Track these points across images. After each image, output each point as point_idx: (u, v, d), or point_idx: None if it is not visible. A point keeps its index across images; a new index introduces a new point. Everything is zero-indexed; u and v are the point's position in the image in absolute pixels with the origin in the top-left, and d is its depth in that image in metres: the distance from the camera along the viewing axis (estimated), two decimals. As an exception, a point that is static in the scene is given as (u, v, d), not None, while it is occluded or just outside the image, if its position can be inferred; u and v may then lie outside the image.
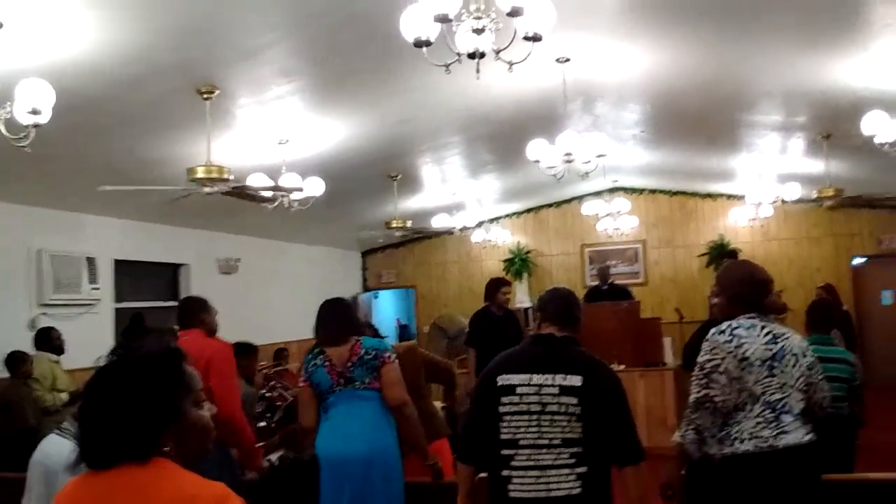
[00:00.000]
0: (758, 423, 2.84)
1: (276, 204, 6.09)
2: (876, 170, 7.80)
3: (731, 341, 2.90)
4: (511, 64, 3.04)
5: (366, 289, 13.11)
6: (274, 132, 6.09)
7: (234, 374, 4.03)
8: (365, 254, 13.15)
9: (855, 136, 5.68)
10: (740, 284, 3.04)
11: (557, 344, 2.74)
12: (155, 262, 8.45)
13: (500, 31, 2.99)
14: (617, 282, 11.61)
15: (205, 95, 4.81)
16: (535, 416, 2.62)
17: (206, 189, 4.87)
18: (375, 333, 4.06)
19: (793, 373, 2.88)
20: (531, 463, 2.60)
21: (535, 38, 3.01)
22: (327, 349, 3.59)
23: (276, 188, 5.77)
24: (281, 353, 9.39)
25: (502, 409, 2.66)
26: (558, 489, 2.57)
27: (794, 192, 8.77)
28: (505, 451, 2.64)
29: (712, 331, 3.00)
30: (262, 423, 5.65)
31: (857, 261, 11.38)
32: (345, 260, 12.62)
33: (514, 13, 2.86)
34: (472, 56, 3.02)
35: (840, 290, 10.23)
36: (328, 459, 3.46)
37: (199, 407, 1.58)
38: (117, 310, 7.73)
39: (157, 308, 8.17)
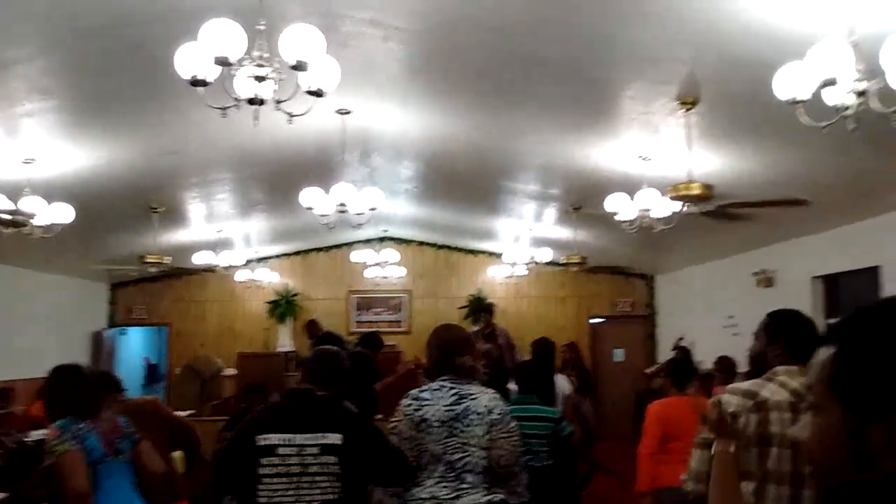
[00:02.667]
0: (438, 482, 2.93)
1: (14, 229, 5.44)
2: (614, 241, 8.71)
3: (411, 405, 3.02)
4: (291, 116, 2.99)
5: (112, 324, 12.07)
6: (19, 150, 5.46)
7: None
8: (115, 286, 12.14)
9: (599, 212, 6.30)
10: (435, 349, 3.18)
11: (316, 401, 2.70)
12: None
13: (283, 82, 2.94)
14: (381, 330, 11.78)
15: (-63, 103, 4.22)
16: (294, 479, 2.55)
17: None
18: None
19: (476, 431, 2.97)
20: None
21: (318, 94, 3.00)
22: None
23: (15, 212, 5.15)
24: (5, 393, 8.32)
25: (261, 472, 2.55)
26: None
27: (546, 255, 9.52)
28: None
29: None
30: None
31: (595, 320, 12.54)
32: (89, 292, 11.54)
33: (299, 67, 2.83)
34: (251, 102, 2.94)
35: (580, 347, 11.19)
36: None
37: None
38: None
39: None
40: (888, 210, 6.39)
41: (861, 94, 2.89)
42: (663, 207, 5.24)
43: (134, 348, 13.82)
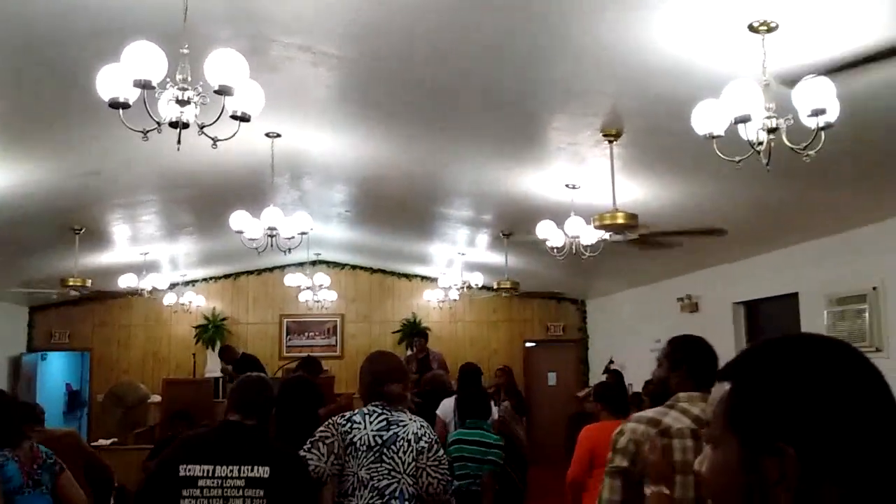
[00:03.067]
0: None
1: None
2: (545, 267, 8.82)
3: (344, 425, 3.03)
4: (215, 140, 2.94)
5: (32, 349, 11.58)
6: (-72, 168, 5.23)
7: None
8: (34, 310, 11.67)
9: (530, 238, 6.38)
10: (367, 375, 3.21)
11: (244, 433, 2.64)
12: None
13: (207, 106, 2.90)
14: (314, 354, 11.61)
15: None
16: None
17: None
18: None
19: (404, 458, 2.99)
20: None
21: (243, 119, 2.96)
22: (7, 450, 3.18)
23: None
24: None
25: None
26: None
27: (479, 279, 9.58)
28: None
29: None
30: None
31: (529, 344, 12.65)
32: (8, 315, 11.06)
33: (223, 91, 2.79)
34: (174, 125, 2.88)
35: (514, 371, 11.25)
36: None
37: None
38: None
39: None
40: (805, 239, 6.67)
41: (773, 130, 3.02)
42: (590, 235, 5.34)
43: (55, 374, 13.24)
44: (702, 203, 5.80)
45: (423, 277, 12.32)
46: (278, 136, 5.47)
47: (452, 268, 10.42)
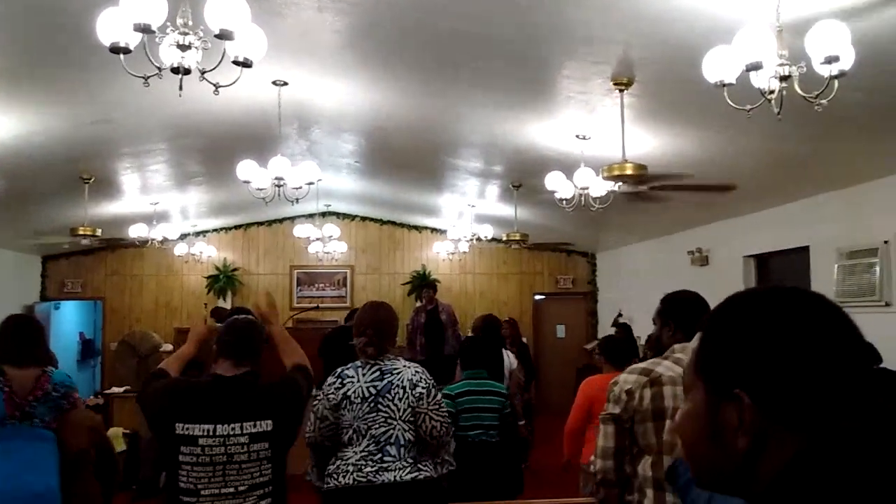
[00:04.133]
0: (362, 456, 2.97)
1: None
2: (555, 219, 8.79)
3: (333, 384, 3.07)
4: (217, 86, 2.91)
5: (45, 298, 11.71)
6: (-65, 115, 5.22)
7: None
8: (47, 259, 11.77)
9: (539, 189, 6.34)
10: (369, 329, 3.17)
11: (242, 385, 2.62)
12: None
13: (209, 51, 2.85)
14: (324, 305, 11.72)
15: None
16: (220, 467, 2.49)
17: None
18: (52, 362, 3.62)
19: (399, 405, 3.03)
20: None
21: (245, 64, 2.92)
22: (8, 371, 3.14)
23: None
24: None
25: (182, 459, 2.48)
26: None
27: (488, 232, 9.55)
28: (185, 498, 2.48)
29: None
30: None
31: (538, 297, 12.68)
32: (21, 264, 11.17)
33: (224, 36, 2.74)
34: (175, 71, 2.85)
35: (523, 323, 11.31)
36: None
37: None
38: None
39: None
40: (817, 192, 6.59)
41: (785, 78, 2.95)
42: (600, 187, 5.30)
43: (68, 323, 13.43)
44: (713, 154, 5.72)
45: (433, 229, 12.31)
46: (285, 84, 5.41)
47: (462, 220, 10.39)
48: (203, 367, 6.88)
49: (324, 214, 11.53)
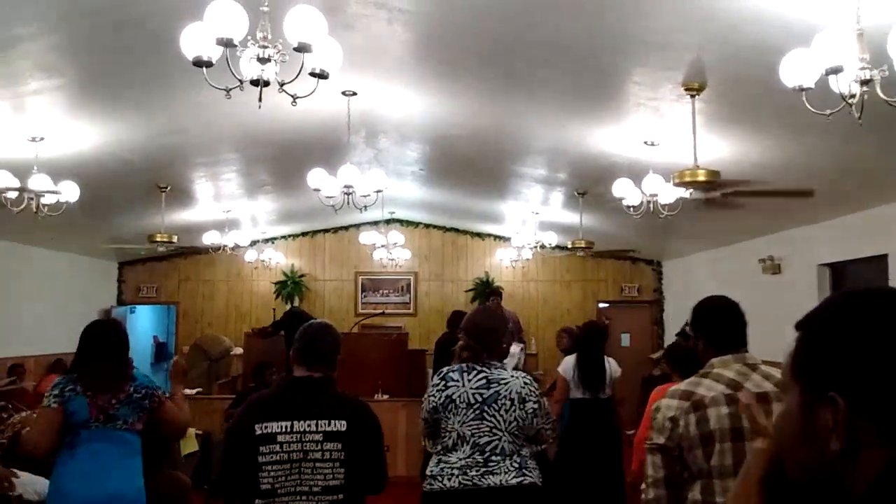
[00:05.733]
0: (465, 461, 2.99)
1: (22, 207, 5.48)
2: (621, 226, 8.70)
3: (437, 385, 3.12)
4: (295, 98, 3.00)
5: (121, 302, 12.16)
6: (26, 128, 5.49)
7: None
8: (123, 265, 12.22)
9: (605, 196, 6.29)
10: (465, 334, 3.23)
11: (316, 387, 2.65)
12: None
13: (287, 64, 2.94)
14: (389, 311, 11.82)
15: (-57, 80, 4.25)
16: (296, 465, 2.53)
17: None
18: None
19: (506, 417, 3.03)
20: None
21: (322, 76, 3.00)
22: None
23: (22, 189, 5.19)
24: (16, 369, 8.43)
25: (261, 459, 2.52)
26: None
27: (552, 239, 9.51)
28: (261, 501, 2.52)
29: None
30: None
31: (602, 305, 12.54)
32: (99, 270, 11.63)
33: (302, 49, 2.83)
34: (255, 83, 2.94)
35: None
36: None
37: None
38: None
39: None
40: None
41: (866, 82, 2.87)
42: (669, 193, 5.23)
43: (143, 327, 13.95)
44: (787, 160, 5.58)
45: (496, 237, 12.31)
46: (354, 94, 5.52)
47: (526, 227, 10.37)
48: (272, 366, 7.04)
49: (388, 221, 11.67)
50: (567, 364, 5.94)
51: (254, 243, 11.17)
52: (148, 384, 3.34)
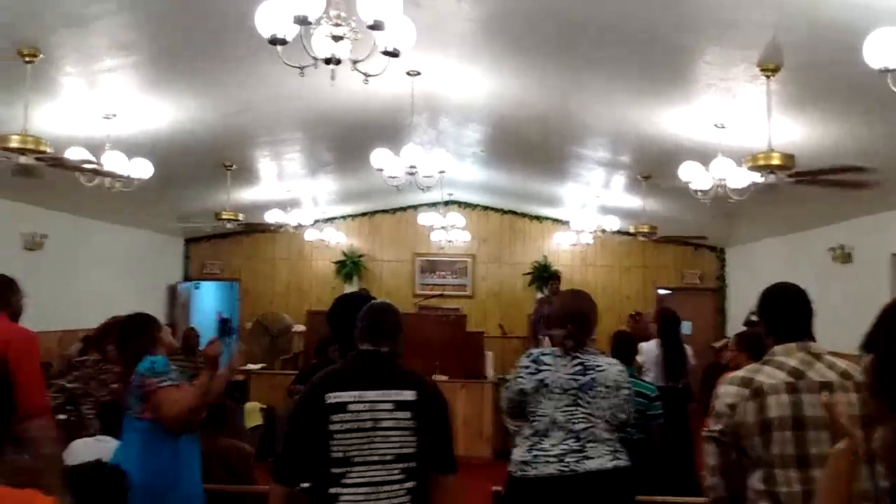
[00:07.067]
0: (560, 446, 2.99)
1: (94, 182, 5.65)
2: (683, 210, 8.52)
3: (529, 367, 3.11)
4: (367, 76, 3.02)
5: (187, 278, 12.49)
6: (100, 105, 5.66)
7: (38, 363, 3.66)
8: (189, 241, 12.54)
9: (670, 180, 6.17)
10: (564, 320, 3.19)
11: (383, 360, 2.70)
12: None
13: (359, 42, 2.96)
14: (445, 294, 11.86)
15: (27, 58, 4.40)
16: (367, 433, 2.57)
17: (22, 159, 4.44)
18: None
19: (602, 404, 3.03)
20: (363, 480, 2.55)
21: (394, 54, 3.01)
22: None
23: (97, 169, 5.34)
24: (89, 339, 8.72)
25: (332, 427, 2.56)
26: None
27: (613, 223, 9.39)
28: (335, 470, 2.56)
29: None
30: (63, 416, 5.16)
31: (662, 292, 12.35)
32: (166, 246, 11.95)
33: (376, 27, 2.84)
34: (328, 62, 2.97)
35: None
36: None
37: None
38: None
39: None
40: (979, 186, 6.07)
41: (958, 61, 2.75)
42: (739, 178, 5.10)
43: (207, 303, 14.28)
44: (862, 144, 5.38)
45: (554, 220, 12.22)
46: (418, 74, 5.52)
47: (585, 210, 10.26)
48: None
49: (446, 203, 11.67)
50: (649, 352, 5.85)
51: (314, 222, 11.32)
52: (143, 372, 3.20)
